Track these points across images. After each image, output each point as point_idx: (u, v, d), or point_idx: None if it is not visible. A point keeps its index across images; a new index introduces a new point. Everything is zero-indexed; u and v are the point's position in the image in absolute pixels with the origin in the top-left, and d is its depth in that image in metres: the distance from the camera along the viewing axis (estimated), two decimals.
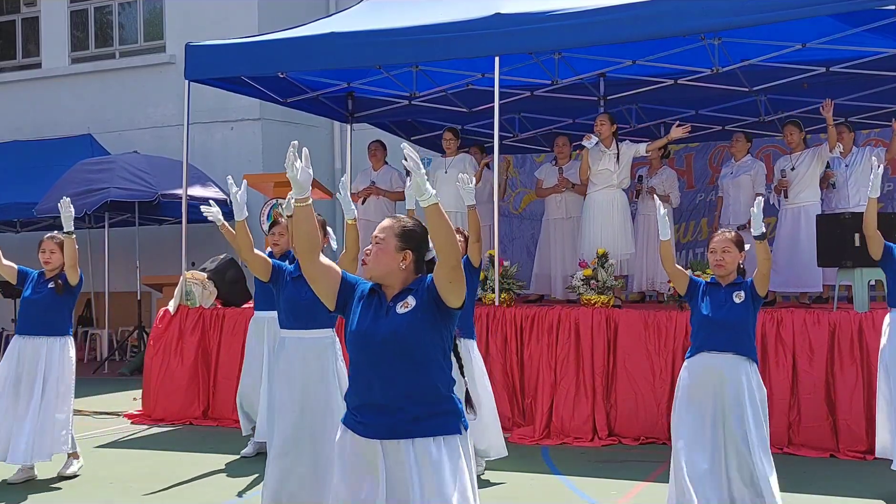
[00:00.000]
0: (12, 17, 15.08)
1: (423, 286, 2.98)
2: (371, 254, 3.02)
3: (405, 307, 2.96)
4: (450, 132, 8.91)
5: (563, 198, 9.08)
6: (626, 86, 9.30)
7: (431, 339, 2.95)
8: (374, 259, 3.01)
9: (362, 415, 2.96)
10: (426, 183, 2.84)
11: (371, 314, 2.99)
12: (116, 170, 11.52)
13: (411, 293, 2.98)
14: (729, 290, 4.70)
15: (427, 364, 2.94)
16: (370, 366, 2.95)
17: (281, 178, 9.10)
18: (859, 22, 7.60)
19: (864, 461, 6.34)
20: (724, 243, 4.73)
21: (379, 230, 3.03)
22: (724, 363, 4.58)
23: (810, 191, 8.14)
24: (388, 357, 2.92)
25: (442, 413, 2.95)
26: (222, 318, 8.29)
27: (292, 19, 10.26)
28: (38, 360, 5.97)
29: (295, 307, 4.87)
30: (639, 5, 6.93)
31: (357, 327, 2.99)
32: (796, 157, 8.18)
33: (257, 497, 5.66)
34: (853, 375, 6.55)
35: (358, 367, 2.99)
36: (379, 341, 2.93)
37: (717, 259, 4.71)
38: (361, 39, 7.77)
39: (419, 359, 2.93)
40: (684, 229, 11.17)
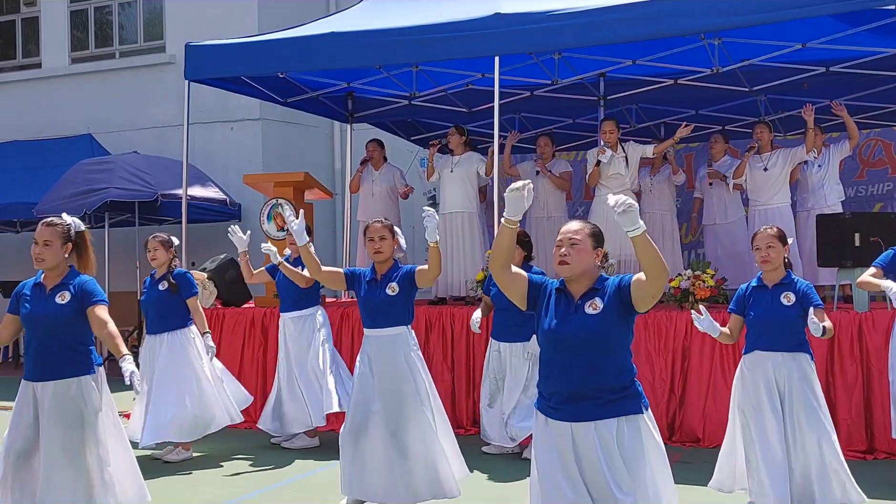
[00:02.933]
0: (12, 17, 15.07)
1: (609, 288, 3.34)
2: (570, 253, 3.35)
3: (594, 308, 3.31)
4: (456, 131, 8.86)
5: (546, 198, 9.07)
6: (626, 86, 9.30)
7: (618, 335, 3.31)
8: (575, 258, 3.35)
9: (554, 402, 3.32)
10: (637, 217, 3.14)
11: (561, 314, 3.35)
12: (116, 170, 11.50)
13: (597, 294, 3.34)
14: (777, 292, 4.80)
15: (614, 357, 3.30)
16: (562, 360, 3.30)
17: (281, 179, 9.12)
18: (859, 22, 7.60)
19: (864, 461, 6.34)
20: (768, 239, 4.83)
21: (572, 232, 3.39)
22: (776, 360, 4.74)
23: (783, 192, 8.20)
24: (579, 352, 3.27)
25: (626, 397, 3.29)
26: (222, 318, 8.29)
27: (292, 19, 10.25)
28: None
29: (370, 308, 5.11)
30: (639, 5, 6.93)
31: (548, 326, 3.35)
32: (767, 157, 8.23)
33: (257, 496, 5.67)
34: (853, 375, 6.55)
35: (551, 361, 3.34)
36: (570, 340, 3.29)
37: (763, 255, 4.81)
38: (361, 39, 7.77)
39: (606, 353, 3.28)
40: (685, 229, 11.17)
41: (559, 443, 3.29)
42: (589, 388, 3.25)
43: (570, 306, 3.35)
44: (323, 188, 9.35)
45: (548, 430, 3.33)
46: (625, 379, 3.31)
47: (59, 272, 4.37)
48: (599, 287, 3.36)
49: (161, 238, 6.78)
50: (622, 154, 8.14)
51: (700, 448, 6.71)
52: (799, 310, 4.74)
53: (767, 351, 4.76)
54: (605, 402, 3.25)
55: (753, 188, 8.32)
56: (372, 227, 5.18)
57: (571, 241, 3.37)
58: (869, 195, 10.54)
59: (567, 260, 3.35)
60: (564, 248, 3.37)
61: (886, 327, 6.52)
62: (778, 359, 4.74)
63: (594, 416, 3.24)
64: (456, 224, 8.65)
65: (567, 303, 3.37)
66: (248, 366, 8.08)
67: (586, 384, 3.26)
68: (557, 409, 3.31)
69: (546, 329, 3.36)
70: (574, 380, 3.27)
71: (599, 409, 3.25)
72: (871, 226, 6.90)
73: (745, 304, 4.88)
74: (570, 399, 3.28)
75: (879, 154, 10.54)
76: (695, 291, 7.31)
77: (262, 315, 8.14)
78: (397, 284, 5.07)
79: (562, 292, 3.41)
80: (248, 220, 12.13)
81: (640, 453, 3.23)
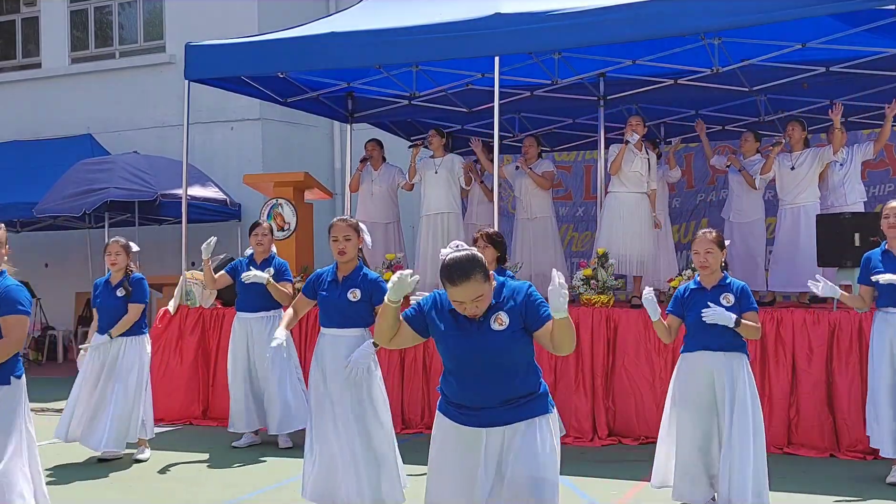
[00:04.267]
0: (12, 17, 15.07)
1: (513, 303, 3.21)
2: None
3: (500, 324, 3.20)
4: (436, 132, 8.93)
5: (528, 199, 9.08)
6: (626, 86, 9.29)
7: (524, 347, 3.24)
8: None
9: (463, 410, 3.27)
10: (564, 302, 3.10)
11: (462, 328, 3.23)
12: (116, 170, 11.51)
13: (500, 308, 3.22)
14: (715, 294, 4.88)
15: (521, 367, 3.25)
16: (468, 374, 3.24)
17: (281, 178, 9.13)
18: (859, 22, 7.59)
19: (864, 461, 6.33)
20: (706, 244, 4.91)
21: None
22: (716, 361, 4.81)
23: (810, 191, 8.15)
24: (485, 368, 3.21)
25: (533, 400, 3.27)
26: (222, 318, 8.28)
27: (292, 19, 10.25)
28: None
29: (328, 308, 5.03)
30: (639, 5, 6.92)
31: (449, 342, 3.26)
32: (797, 156, 8.18)
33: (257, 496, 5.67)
34: (853, 375, 6.54)
35: (456, 374, 3.27)
36: (475, 356, 3.21)
37: (702, 260, 4.91)
38: (361, 39, 7.77)
39: (514, 365, 3.24)
40: (685, 229, 11.17)
41: (464, 443, 3.27)
42: (498, 399, 3.23)
43: (472, 324, 3.23)
44: (323, 188, 9.36)
45: (452, 433, 3.30)
46: (532, 383, 3.29)
47: None
48: (498, 299, 3.24)
49: (122, 242, 6.72)
50: (645, 156, 8.12)
51: None
52: (737, 310, 4.81)
53: (706, 350, 4.83)
54: (521, 405, 3.25)
55: (781, 186, 8.29)
56: (336, 226, 5.00)
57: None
58: (870, 196, 10.50)
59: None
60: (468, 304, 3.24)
61: None
62: (717, 357, 4.81)
63: (503, 421, 3.23)
64: (439, 225, 8.73)
65: (468, 319, 3.24)
66: None
67: (495, 396, 3.23)
68: (466, 415, 3.27)
69: (449, 349, 3.27)
70: (482, 393, 3.23)
71: (509, 413, 3.23)
72: (871, 226, 6.89)
73: (682, 305, 4.97)
74: (479, 408, 3.24)
75: (881, 155, 10.51)
76: None
77: None
78: (360, 291, 4.95)
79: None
80: (247, 220, 12.13)
81: (538, 446, 3.22)
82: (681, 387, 4.93)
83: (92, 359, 6.61)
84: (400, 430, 6.52)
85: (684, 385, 4.91)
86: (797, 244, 8.00)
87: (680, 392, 4.94)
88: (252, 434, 7.13)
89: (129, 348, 6.57)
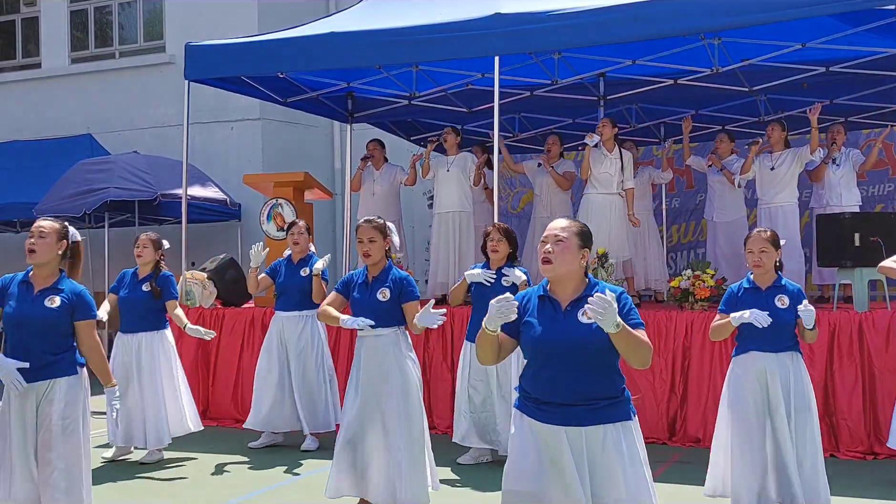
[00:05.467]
0: (12, 17, 15.07)
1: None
2: (555, 252, 3.16)
3: (588, 317, 3.10)
4: (451, 131, 8.90)
5: (549, 197, 9.10)
6: (625, 86, 9.30)
7: (611, 345, 3.13)
8: (559, 257, 3.16)
9: (541, 406, 3.19)
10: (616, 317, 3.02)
11: (547, 320, 3.19)
12: (116, 170, 11.50)
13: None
14: (770, 294, 4.80)
15: (605, 365, 3.18)
16: (551, 367, 3.17)
17: (281, 179, 9.11)
18: (859, 22, 7.59)
19: (864, 461, 6.34)
20: (761, 243, 4.83)
21: (557, 229, 3.20)
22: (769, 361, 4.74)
23: (788, 191, 8.24)
24: (569, 360, 3.14)
25: (615, 404, 3.19)
26: (222, 318, 8.29)
27: (292, 19, 10.25)
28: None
29: (361, 311, 4.99)
30: (639, 5, 6.92)
31: (534, 335, 3.19)
32: (777, 156, 8.25)
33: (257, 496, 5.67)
34: (853, 375, 6.55)
35: (538, 368, 3.21)
36: (560, 347, 3.15)
37: (756, 260, 4.81)
38: (361, 39, 7.76)
39: (599, 362, 3.16)
40: (684, 229, 11.18)
41: (543, 443, 3.19)
42: (579, 396, 3.15)
43: (557, 313, 3.20)
44: (323, 188, 9.35)
45: (533, 432, 3.22)
46: (616, 386, 3.22)
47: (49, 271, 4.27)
48: (591, 294, 3.15)
49: (153, 237, 6.77)
50: (616, 156, 8.15)
51: (700, 448, 6.70)
52: (793, 312, 4.75)
53: (762, 352, 4.76)
54: (596, 408, 3.16)
55: (760, 186, 8.35)
56: (361, 228, 4.99)
57: (556, 238, 3.19)
58: (870, 196, 10.53)
59: (550, 258, 3.18)
60: (549, 244, 3.20)
61: (886, 327, 6.52)
62: (773, 359, 4.75)
63: (583, 421, 3.15)
64: (451, 223, 8.69)
65: (553, 309, 3.21)
66: (247, 365, 8.07)
67: (577, 392, 3.15)
68: (545, 412, 3.19)
69: (532, 338, 3.21)
70: (564, 387, 3.16)
71: (589, 415, 3.15)
72: (870, 226, 6.90)
73: (736, 305, 4.86)
74: (559, 405, 3.17)
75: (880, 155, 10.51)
76: (695, 291, 7.32)
77: (261, 315, 8.14)
78: (389, 290, 4.94)
79: (545, 299, 3.25)
80: (247, 220, 12.14)
81: (626, 461, 3.15)
82: (735, 390, 4.83)
83: (117, 357, 6.61)
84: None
85: (739, 388, 4.81)
86: None
87: (734, 396, 4.83)
88: (272, 433, 7.10)
89: (149, 345, 6.59)
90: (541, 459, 3.18)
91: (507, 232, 6.22)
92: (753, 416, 4.74)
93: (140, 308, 6.60)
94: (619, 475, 3.13)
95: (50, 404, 4.14)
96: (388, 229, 5.07)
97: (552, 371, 3.18)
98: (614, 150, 8.18)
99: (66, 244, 4.29)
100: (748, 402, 4.76)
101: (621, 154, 8.19)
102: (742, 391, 4.79)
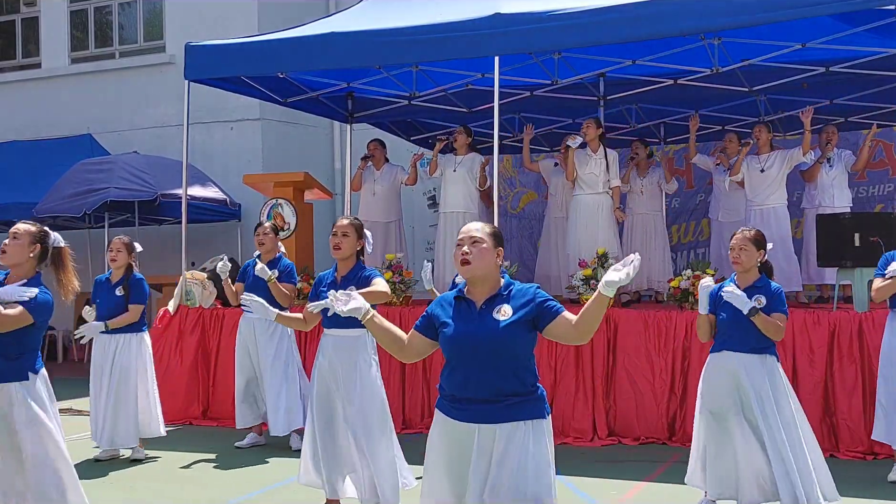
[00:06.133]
0: (12, 17, 15.07)
1: (520, 298, 3.25)
2: (473, 253, 3.27)
3: (502, 315, 3.22)
4: (463, 130, 8.86)
5: (563, 198, 9.11)
6: (625, 86, 9.30)
7: (525, 343, 3.24)
8: (477, 257, 3.27)
9: (456, 403, 3.26)
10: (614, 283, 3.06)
11: (462, 319, 3.27)
12: (116, 170, 11.51)
13: (503, 301, 3.25)
14: (749, 294, 4.81)
15: (518, 362, 3.23)
16: (465, 364, 3.23)
17: (281, 178, 9.12)
18: (859, 22, 7.59)
19: (864, 461, 6.34)
20: (742, 241, 4.87)
21: (473, 231, 3.32)
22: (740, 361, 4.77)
23: (779, 193, 8.23)
24: (483, 357, 3.20)
25: (529, 401, 3.24)
26: (222, 318, 8.29)
27: (292, 19, 10.25)
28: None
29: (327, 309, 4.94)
30: (639, 5, 6.92)
31: (450, 332, 3.27)
32: (765, 158, 8.25)
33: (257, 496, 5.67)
34: (853, 375, 6.55)
35: (453, 365, 3.28)
36: (474, 344, 3.21)
37: (734, 256, 4.87)
38: (361, 39, 7.76)
39: (512, 359, 3.22)
40: (685, 229, 11.18)
41: (457, 441, 3.25)
42: (493, 393, 3.20)
43: (472, 311, 3.27)
44: (323, 188, 9.36)
45: (446, 428, 3.28)
46: (528, 383, 3.25)
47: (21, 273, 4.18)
48: (504, 293, 3.28)
49: (125, 240, 6.78)
50: (601, 156, 8.17)
51: None
52: (766, 311, 4.77)
53: (734, 351, 4.80)
54: (508, 405, 3.20)
55: (750, 188, 8.34)
56: (337, 223, 5.06)
57: (472, 240, 3.30)
58: (870, 196, 10.54)
59: (469, 259, 3.27)
60: (466, 246, 3.29)
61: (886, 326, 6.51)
62: (744, 359, 4.77)
63: (496, 418, 3.19)
64: (456, 224, 8.65)
65: (468, 308, 3.29)
66: None
67: (490, 389, 3.20)
68: (459, 409, 3.25)
69: (450, 338, 3.27)
70: (477, 384, 3.21)
71: (501, 412, 3.19)
72: (871, 226, 6.90)
73: (716, 304, 4.89)
74: (473, 402, 3.22)
75: (880, 155, 10.53)
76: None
77: None
78: (356, 289, 4.86)
79: (461, 300, 3.32)
80: (248, 220, 12.14)
81: (530, 458, 3.17)
82: (707, 387, 4.90)
83: (94, 358, 6.64)
84: (400, 430, 6.52)
85: (709, 385, 4.88)
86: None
87: (706, 392, 4.90)
88: (256, 434, 7.13)
89: (126, 346, 6.61)
90: (455, 458, 3.26)
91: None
92: (725, 413, 4.79)
93: (116, 311, 6.60)
94: (522, 471, 3.15)
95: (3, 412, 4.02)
96: (365, 233, 5.12)
97: (466, 367, 3.23)
98: (599, 150, 8.20)
99: (39, 248, 4.20)
100: (718, 399, 4.82)
101: (606, 154, 8.21)
102: (713, 388, 4.86)
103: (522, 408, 3.22)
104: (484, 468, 3.18)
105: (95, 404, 6.62)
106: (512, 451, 3.16)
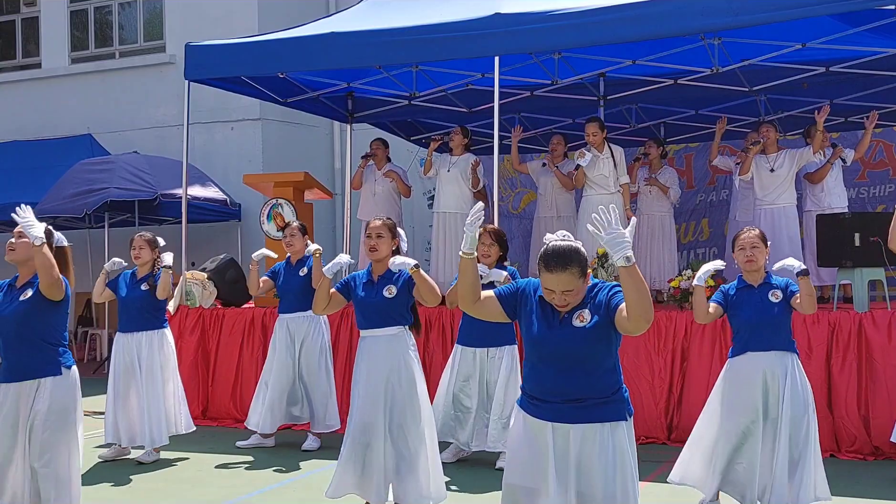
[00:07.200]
0: (12, 17, 15.08)
1: (597, 301, 3.21)
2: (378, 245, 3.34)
3: (581, 320, 3.20)
4: (460, 130, 8.84)
5: (553, 197, 9.10)
6: (626, 86, 9.30)
7: (606, 345, 3.21)
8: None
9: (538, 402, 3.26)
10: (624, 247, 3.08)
11: (545, 323, 3.25)
12: (116, 170, 11.52)
13: (585, 306, 3.22)
14: (763, 291, 4.85)
15: (601, 365, 3.22)
16: (548, 369, 3.23)
17: (281, 178, 9.11)
18: (859, 22, 7.60)
19: (863, 461, 6.34)
20: (753, 241, 4.88)
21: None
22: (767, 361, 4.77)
23: (789, 192, 8.20)
24: (566, 364, 3.20)
25: (611, 402, 3.22)
26: (222, 318, 8.29)
27: (292, 19, 10.25)
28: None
29: (365, 309, 4.99)
30: (639, 5, 6.92)
31: (533, 336, 3.27)
32: (774, 157, 8.21)
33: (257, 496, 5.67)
34: (853, 375, 6.55)
35: (536, 367, 3.28)
36: (556, 351, 3.21)
37: (748, 256, 4.86)
38: (361, 39, 7.76)
39: (594, 363, 3.21)
40: (685, 229, 11.18)
41: (537, 439, 3.24)
42: (575, 395, 3.20)
43: (555, 318, 3.26)
44: (323, 188, 9.34)
45: (526, 426, 3.28)
46: (612, 385, 3.24)
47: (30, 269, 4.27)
48: (586, 297, 3.25)
49: (147, 237, 6.82)
50: (608, 155, 8.15)
51: None
52: (785, 306, 4.80)
53: (760, 351, 4.79)
54: (591, 406, 3.19)
55: (760, 188, 8.31)
56: (371, 225, 5.05)
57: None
58: (871, 196, 10.54)
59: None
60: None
61: (887, 326, 6.52)
62: (771, 358, 4.78)
63: (578, 419, 3.19)
64: (450, 224, 8.67)
65: (553, 313, 3.27)
66: (246, 365, 8.08)
67: (573, 391, 3.20)
68: (540, 408, 3.25)
69: (531, 338, 3.29)
70: (560, 387, 3.21)
71: (584, 413, 3.19)
72: (871, 226, 6.90)
73: (728, 304, 4.91)
74: (548, 402, 3.23)
75: (881, 155, 10.53)
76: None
77: (261, 315, 8.14)
78: (395, 287, 4.94)
79: (545, 301, 3.31)
80: (248, 220, 12.15)
81: (610, 461, 3.17)
82: (730, 391, 4.85)
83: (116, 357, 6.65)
84: None
85: (735, 389, 4.83)
86: (778, 245, 8.00)
87: (728, 396, 4.85)
88: (261, 436, 7.09)
89: (149, 344, 6.61)
90: (532, 454, 3.25)
91: (499, 235, 6.16)
92: (744, 418, 4.77)
93: (139, 307, 6.62)
94: (603, 475, 3.15)
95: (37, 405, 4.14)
96: (399, 231, 5.11)
97: (550, 371, 3.23)
98: (605, 149, 8.17)
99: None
100: (742, 403, 4.78)
101: (612, 152, 8.19)
102: (737, 392, 4.81)
103: (600, 410, 3.20)
104: (564, 470, 3.18)
105: (114, 404, 6.59)
106: (593, 456, 3.16)
